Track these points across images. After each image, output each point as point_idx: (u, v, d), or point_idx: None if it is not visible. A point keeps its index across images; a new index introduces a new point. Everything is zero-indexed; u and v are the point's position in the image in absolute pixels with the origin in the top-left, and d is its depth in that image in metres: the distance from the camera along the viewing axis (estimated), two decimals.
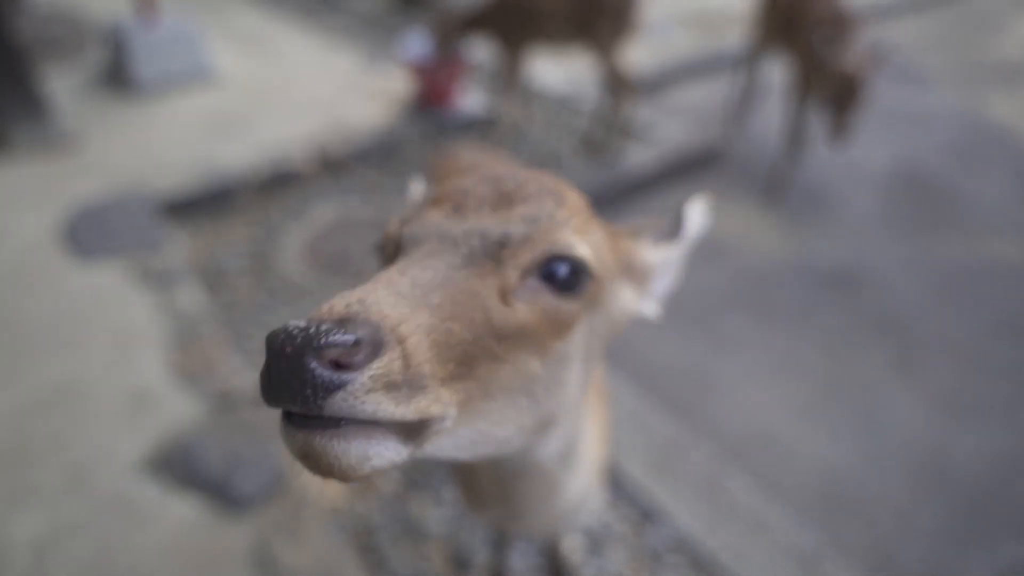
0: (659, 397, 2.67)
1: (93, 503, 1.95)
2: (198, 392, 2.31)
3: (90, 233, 3.12)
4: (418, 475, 2.20)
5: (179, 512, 1.94)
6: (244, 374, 2.42)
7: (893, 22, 7.01)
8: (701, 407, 2.67)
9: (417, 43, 4.42)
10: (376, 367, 0.43)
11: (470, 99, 4.59)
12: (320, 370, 0.41)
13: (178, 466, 2.06)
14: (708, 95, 5.30)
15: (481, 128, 4.46)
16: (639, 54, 5.64)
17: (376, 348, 0.44)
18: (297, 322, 0.43)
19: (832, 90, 3.09)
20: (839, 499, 2.32)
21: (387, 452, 0.45)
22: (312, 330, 0.41)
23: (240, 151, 3.87)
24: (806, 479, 2.38)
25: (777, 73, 4.86)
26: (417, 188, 0.86)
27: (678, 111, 5.01)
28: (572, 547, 2.00)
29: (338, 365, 0.41)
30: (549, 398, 0.62)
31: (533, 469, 0.82)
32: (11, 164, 3.69)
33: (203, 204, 3.54)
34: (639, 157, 4.13)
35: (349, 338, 0.42)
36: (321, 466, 0.44)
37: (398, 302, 0.48)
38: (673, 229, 0.82)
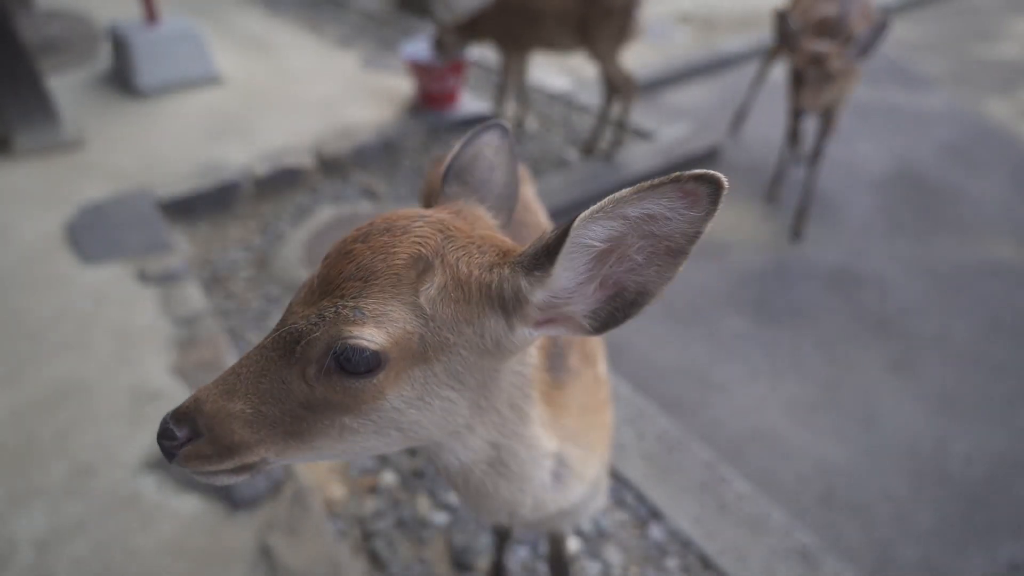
0: (659, 397, 2.67)
1: (95, 502, 1.96)
2: None
3: (93, 234, 3.13)
4: (417, 477, 2.21)
5: (180, 511, 1.95)
6: None
7: (892, 22, 7.01)
8: (701, 407, 2.68)
9: (418, 44, 4.44)
10: (187, 450, 0.73)
11: (471, 99, 4.60)
12: (165, 445, 0.74)
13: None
14: (709, 95, 5.31)
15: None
16: (640, 54, 5.65)
17: (194, 436, 0.73)
18: (168, 414, 0.74)
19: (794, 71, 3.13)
20: (838, 499, 2.32)
21: (222, 479, 0.77)
22: (164, 425, 0.73)
23: (241, 152, 3.88)
24: (806, 479, 2.39)
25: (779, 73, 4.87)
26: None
27: (679, 111, 5.02)
28: (573, 547, 2.01)
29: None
30: (399, 431, 0.76)
31: (464, 473, 0.92)
32: (15, 165, 3.70)
33: (204, 205, 3.55)
34: (640, 157, 4.13)
35: (175, 433, 0.73)
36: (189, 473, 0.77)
37: (220, 397, 0.73)
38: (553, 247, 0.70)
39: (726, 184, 0.59)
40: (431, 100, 4.39)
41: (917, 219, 3.87)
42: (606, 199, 0.62)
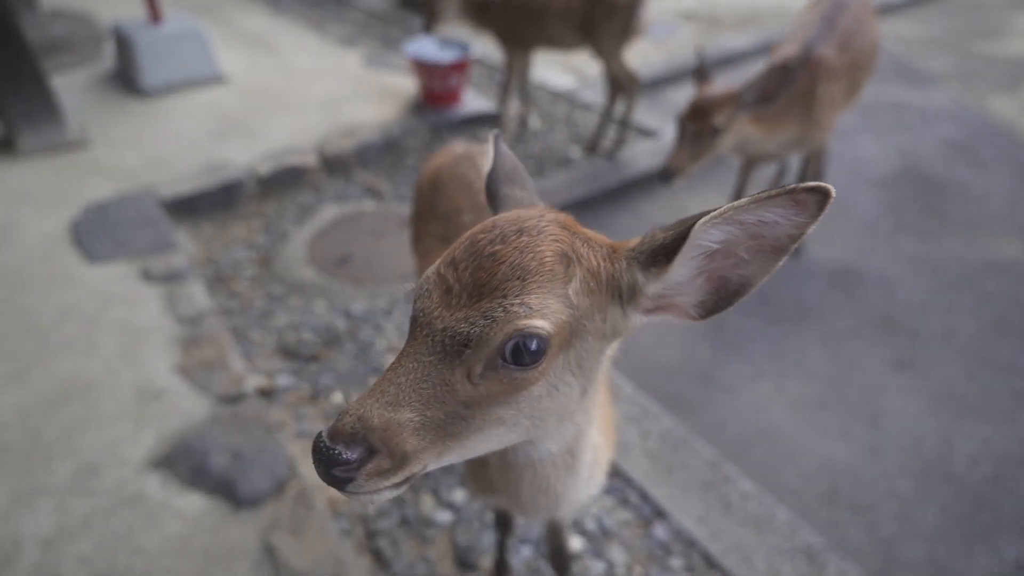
0: (663, 396, 2.67)
1: (100, 501, 1.97)
2: (203, 391, 2.33)
3: (97, 233, 3.14)
4: (420, 476, 2.20)
5: (185, 510, 1.95)
6: (248, 373, 2.43)
7: (896, 19, 6.98)
8: (705, 406, 2.67)
9: (421, 42, 4.43)
10: (369, 468, 0.70)
11: (474, 98, 4.59)
12: (339, 474, 0.69)
13: (184, 464, 2.07)
14: None
15: (486, 125, 4.46)
16: (643, 52, 5.63)
17: (370, 455, 0.70)
18: (324, 439, 0.70)
19: None
20: (843, 498, 2.32)
21: (385, 495, 0.74)
22: (330, 452, 0.69)
23: (245, 151, 3.88)
24: (810, 479, 2.38)
25: None
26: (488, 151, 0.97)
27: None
28: (576, 546, 2.00)
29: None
30: (529, 419, 0.79)
31: (538, 462, 0.98)
32: (19, 165, 3.71)
33: (208, 204, 3.56)
34: (643, 155, 4.12)
35: (351, 456, 0.69)
36: (345, 497, 0.71)
37: (386, 409, 0.71)
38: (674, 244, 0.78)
39: (834, 193, 0.66)
40: (434, 99, 4.39)
41: (922, 217, 3.86)
42: (726, 207, 0.69)
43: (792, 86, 2.58)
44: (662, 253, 0.75)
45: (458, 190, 1.67)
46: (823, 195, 0.66)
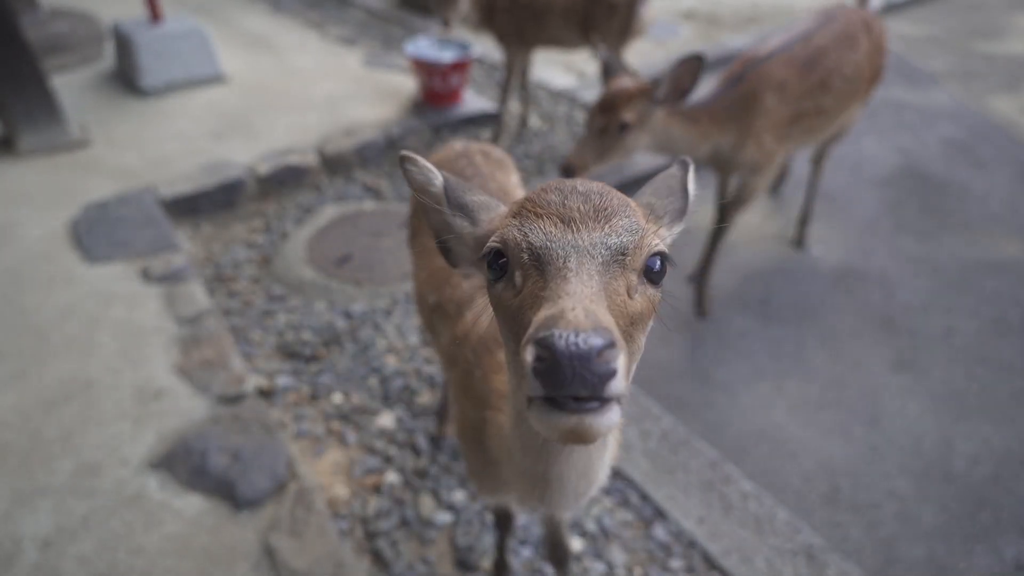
0: (663, 397, 2.67)
1: (100, 501, 1.96)
2: (203, 391, 2.33)
3: (97, 233, 3.14)
4: (420, 477, 2.20)
5: (184, 510, 1.95)
6: (248, 373, 2.43)
7: (897, 19, 6.97)
8: (705, 407, 2.67)
9: (421, 42, 4.43)
10: (620, 361, 0.60)
11: (474, 97, 4.59)
12: (604, 366, 0.58)
13: (183, 464, 2.07)
14: None
15: (486, 125, 4.45)
16: (644, 51, 5.63)
17: (617, 348, 0.61)
18: (564, 332, 0.58)
19: None
20: (844, 499, 2.31)
21: (617, 416, 0.63)
22: (586, 340, 0.58)
23: (245, 151, 3.88)
24: (811, 479, 2.38)
25: None
26: (434, 177, 0.94)
27: None
28: (576, 547, 2.00)
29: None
30: (637, 356, 0.80)
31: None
32: (20, 164, 3.71)
33: (208, 204, 3.55)
34: (643, 155, 4.11)
35: (610, 344, 0.59)
36: (586, 436, 0.61)
37: (600, 310, 0.64)
38: (680, 207, 1.00)
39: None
40: (435, 98, 4.38)
41: (922, 216, 3.85)
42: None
43: (733, 90, 2.44)
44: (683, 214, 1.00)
45: None
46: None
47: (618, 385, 0.59)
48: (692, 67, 2.18)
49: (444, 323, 1.52)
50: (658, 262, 0.78)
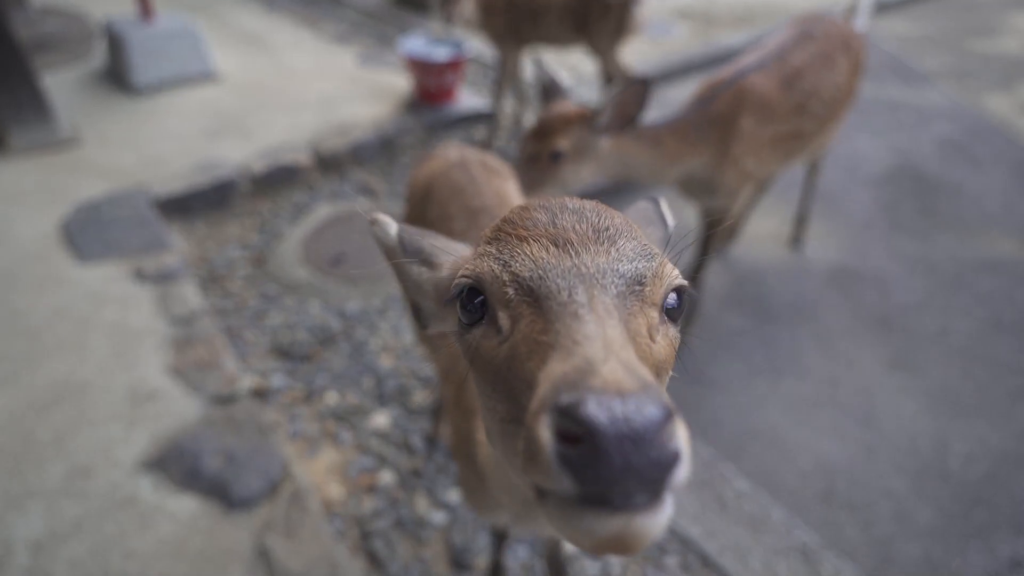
0: None
1: (93, 503, 1.95)
2: (197, 391, 2.31)
3: (89, 233, 3.11)
4: (415, 476, 2.20)
5: (178, 512, 1.93)
6: (241, 373, 2.41)
7: (891, 18, 6.99)
8: (701, 405, 2.67)
9: (415, 40, 4.41)
10: (682, 438, 0.44)
11: (469, 95, 4.58)
12: (666, 449, 0.41)
13: (177, 466, 2.05)
14: None
15: (480, 123, 4.44)
16: (639, 50, 5.63)
17: (675, 418, 0.45)
18: (603, 398, 0.42)
19: None
20: (839, 497, 2.32)
21: (670, 512, 0.45)
22: (640, 410, 0.41)
23: (238, 150, 3.86)
24: (806, 477, 2.38)
25: None
26: (389, 227, 0.84)
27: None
28: (571, 547, 2.00)
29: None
30: None
31: None
32: (10, 164, 3.67)
33: (201, 203, 3.53)
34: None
35: (668, 413, 0.43)
36: (634, 545, 0.43)
37: (636, 361, 0.49)
38: (662, 236, 0.88)
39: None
40: (429, 96, 4.37)
41: (917, 215, 3.86)
42: None
43: (706, 110, 2.25)
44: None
45: (450, 197, 1.65)
46: None
47: (683, 473, 0.44)
48: (638, 92, 1.96)
49: (440, 337, 1.46)
50: (676, 297, 0.64)
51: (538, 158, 2.06)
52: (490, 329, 0.61)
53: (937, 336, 3.00)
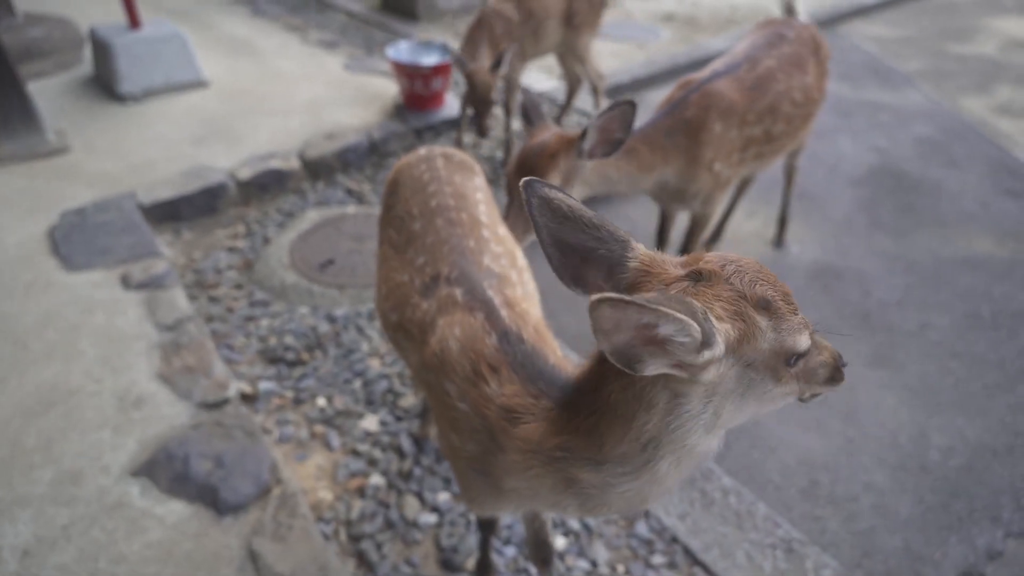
0: None
1: (81, 509, 1.95)
2: (185, 397, 2.32)
3: (76, 240, 3.11)
4: (404, 479, 2.21)
5: (167, 517, 1.94)
6: (230, 378, 2.42)
7: (870, 21, 7.10)
8: None
9: (402, 45, 4.44)
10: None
11: (456, 100, 4.61)
12: None
13: (166, 471, 2.06)
14: None
15: (468, 128, 4.47)
16: (623, 54, 5.69)
17: None
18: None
19: None
20: (822, 492, 2.36)
21: None
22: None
23: (226, 156, 3.86)
24: (789, 473, 2.42)
25: None
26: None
27: None
28: (558, 545, 2.02)
29: None
30: None
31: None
32: None
33: (189, 209, 3.53)
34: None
35: None
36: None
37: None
38: None
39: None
40: (416, 101, 4.39)
41: (897, 214, 3.93)
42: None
43: (675, 116, 2.24)
44: None
45: (412, 194, 1.64)
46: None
47: None
48: (623, 115, 1.85)
49: (409, 343, 1.46)
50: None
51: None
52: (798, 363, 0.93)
53: (917, 332, 3.06)
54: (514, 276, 1.47)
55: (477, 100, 3.34)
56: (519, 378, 1.15)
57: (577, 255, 0.90)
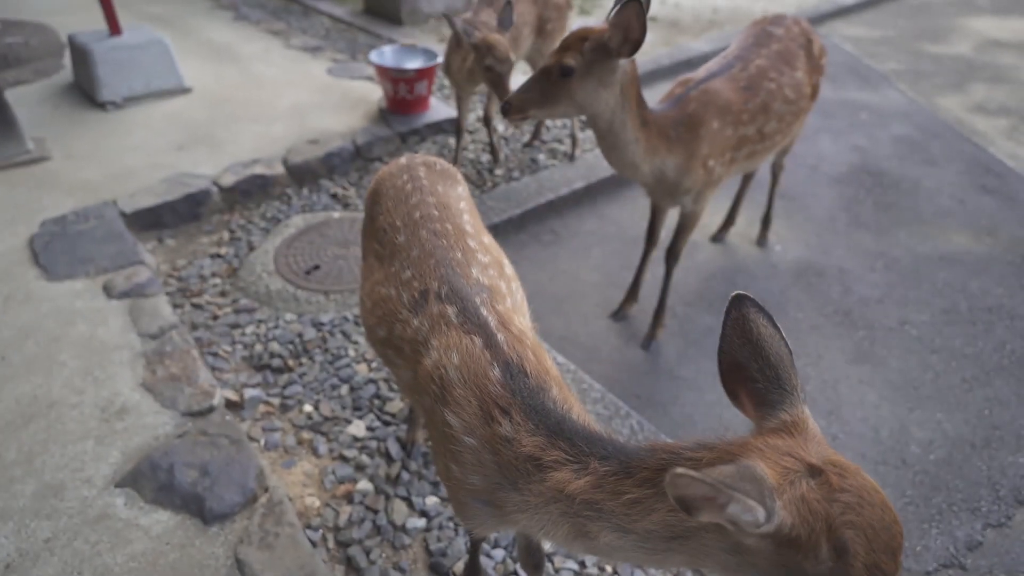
0: (631, 396, 2.72)
1: (64, 521, 1.93)
2: (169, 406, 2.30)
3: (57, 249, 3.07)
4: (392, 484, 2.21)
5: (152, 528, 1.93)
6: (215, 386, 2.41)
7: (849, 21, 7.21)
8: (672, 403, 2.73)
9: (386, 49, 4.44)
10: None
11: (441, 104, 4.61)
12: None
13: (150, 481, 2.04)
14: None
15: (453, 133, 4.48)
16: None
17: None
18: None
19: None
20: None
21: None
22: None
23: (209, 162, 3.84)
24: None
25: None
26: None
27: None
28: (546, 545, 2.03)
29: None
30: None
31: None
32: None
33: (172, 217, 3.51)
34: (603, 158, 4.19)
35: None
36: None
37: None
38: None
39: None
40: (401, 106, 4.39)
41: (877, 212, 4.00)
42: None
43: (677, 109, 2.30)
44: None
45: (395, 205, 1.61)
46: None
47: None
48: (635, 10, 1.83)
49: (400, 359, 1.43)
50: None
51: (550, 72, 2.04)
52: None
53: (897, 328, 3.11)
54: (503, 287, 1.44)
55: (497, 62, 3.04)
56: (534, 425, 1.12)
57: (743, 374, 0.98)
